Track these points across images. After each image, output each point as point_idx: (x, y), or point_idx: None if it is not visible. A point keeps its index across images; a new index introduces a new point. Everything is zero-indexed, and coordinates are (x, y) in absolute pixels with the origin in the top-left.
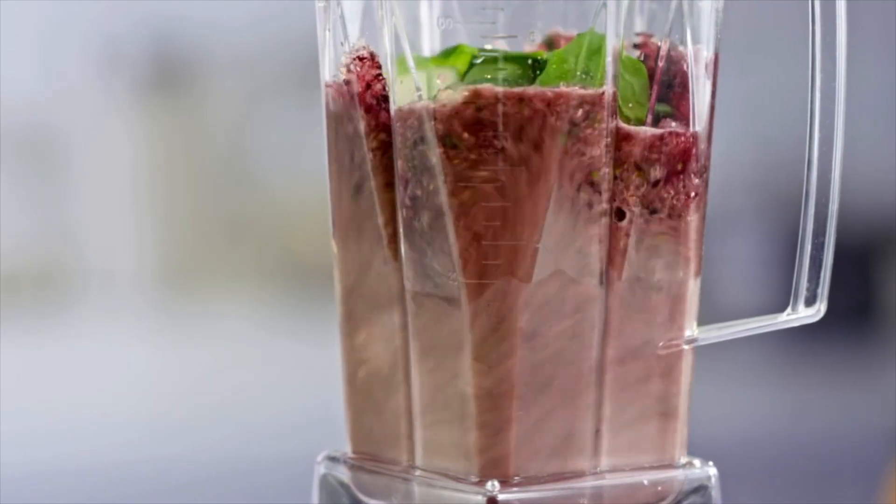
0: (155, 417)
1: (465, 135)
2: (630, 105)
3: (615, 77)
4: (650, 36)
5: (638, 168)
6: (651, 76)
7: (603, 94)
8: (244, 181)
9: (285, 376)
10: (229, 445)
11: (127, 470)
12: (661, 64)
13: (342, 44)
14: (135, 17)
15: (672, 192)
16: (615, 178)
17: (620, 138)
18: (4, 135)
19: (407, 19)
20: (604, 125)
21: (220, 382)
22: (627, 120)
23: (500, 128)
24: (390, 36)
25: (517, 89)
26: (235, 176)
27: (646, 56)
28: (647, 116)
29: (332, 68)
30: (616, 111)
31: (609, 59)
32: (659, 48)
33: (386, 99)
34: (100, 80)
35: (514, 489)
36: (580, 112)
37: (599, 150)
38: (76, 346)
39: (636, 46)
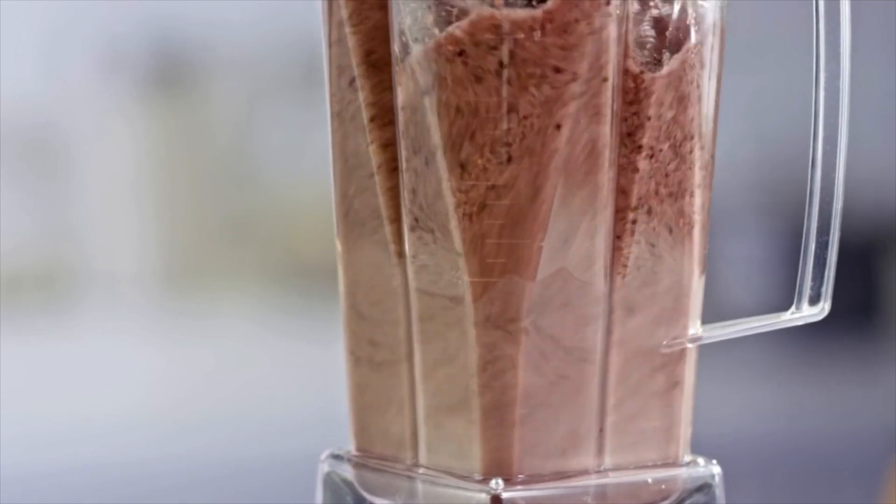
0: (158, 417)
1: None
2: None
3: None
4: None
5: (642, 162)
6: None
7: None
8: (247, 181)
9: (289, 375)
10: (233, 445)
11: (129, 470)
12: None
13: None
14: (137, 16)
15: (676, 189)
16: (618, 175)
17: (624, 129)
18: (7, 135)
19: None
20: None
21: (223, 382)
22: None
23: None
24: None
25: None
26: (238, 176)
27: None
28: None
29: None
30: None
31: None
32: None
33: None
34: (102, 79)
35: (518, 487)
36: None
37: (604, 143)
38: (78, 345)
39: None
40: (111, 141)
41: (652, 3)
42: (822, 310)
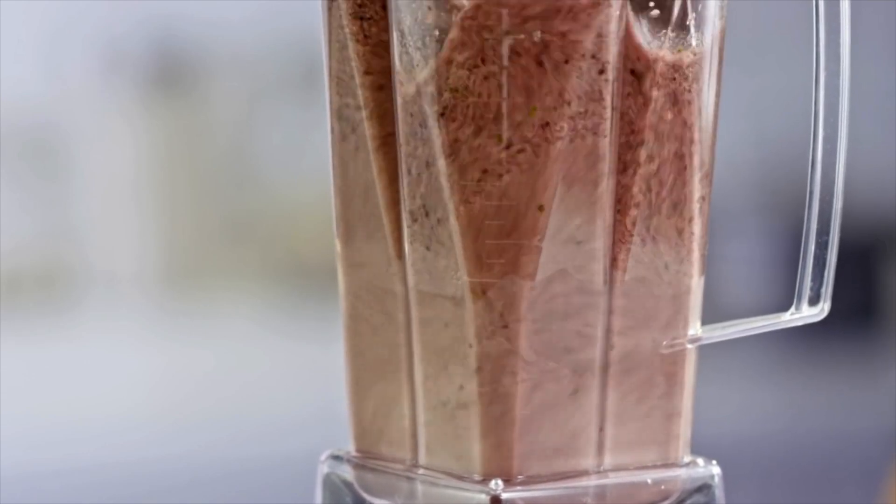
0: (158, 417)
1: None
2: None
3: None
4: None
5: (642, 162)
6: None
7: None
8: (247, 181)
9: (288, 376)
10: (232, 445)
11: (129, 470)
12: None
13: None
14: (137, 16)
15: (676, 189)
16: (618, 175)
17: (624, 127)
18: (7, 135)
19: None
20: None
21: (223, 382)
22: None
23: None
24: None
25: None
26: (238, 176)
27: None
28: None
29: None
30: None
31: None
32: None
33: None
34: (102, 79)
35: (518, 488)
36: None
37: (604, 143)
38: (78, 345)
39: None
40: (111, 141)
41: (651, 4)
42: (821, 310)
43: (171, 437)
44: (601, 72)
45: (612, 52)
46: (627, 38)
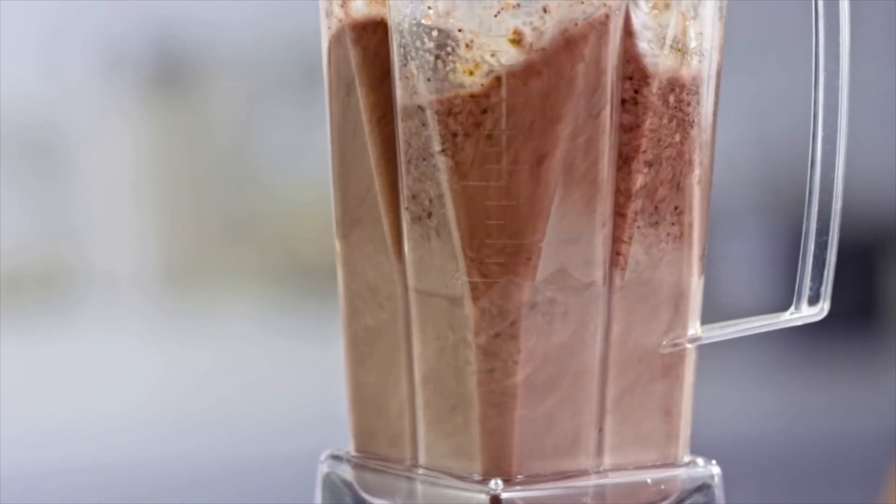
0: (158, 417)
1: (468, 130)
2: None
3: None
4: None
5: (642, 163)
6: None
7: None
8: (247, 181)
9: (288, 376)
10: (232, 445)
11: (129, 470)
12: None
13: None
14: (137, 16)
15: (676, 189)
16: (617, 176)
17: (624, 129)
18: (7, 135)
19: None
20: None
21: (223, 382)
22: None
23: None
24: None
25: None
26: (238, 176)
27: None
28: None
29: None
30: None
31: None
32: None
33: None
34: (102, 79)
35: (518, 488)
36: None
37: (604, 145)
38: (79, 345)
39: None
40: (111, 141)
41: (651, 5)
42: (821, 310)
43: (171, 437)
44: (600, 80)
45: (611, 59)
46: (627, 48)
